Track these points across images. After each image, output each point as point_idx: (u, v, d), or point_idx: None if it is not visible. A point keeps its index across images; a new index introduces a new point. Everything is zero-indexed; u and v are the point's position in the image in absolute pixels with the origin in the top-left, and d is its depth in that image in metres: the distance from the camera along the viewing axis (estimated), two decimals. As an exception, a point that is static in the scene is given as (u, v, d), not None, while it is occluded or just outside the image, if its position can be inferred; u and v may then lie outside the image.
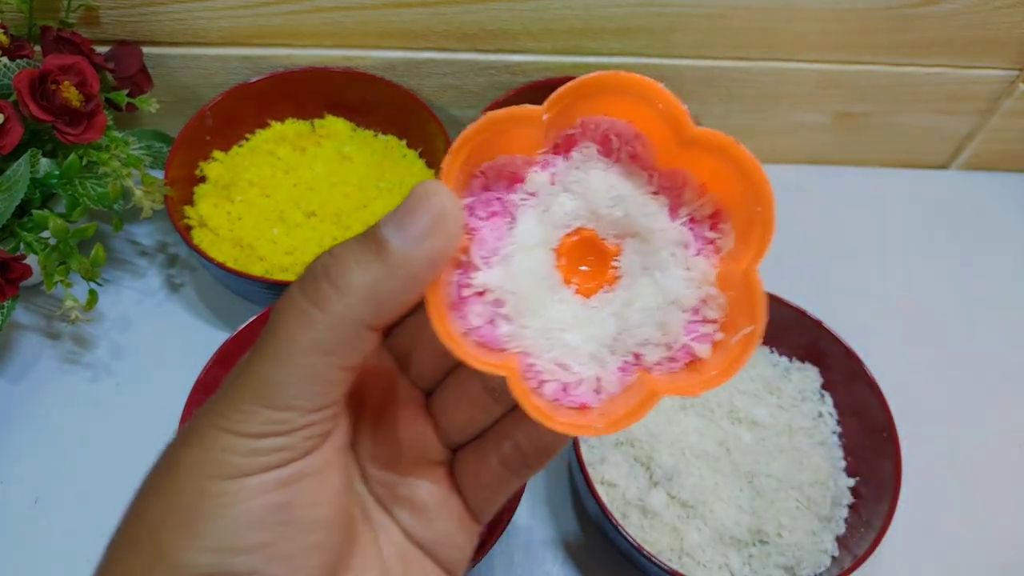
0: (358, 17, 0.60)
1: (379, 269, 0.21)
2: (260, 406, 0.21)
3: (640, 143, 0.24)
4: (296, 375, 0.21)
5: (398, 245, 0.21)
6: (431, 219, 0.21)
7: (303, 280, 0.22)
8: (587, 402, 0.24)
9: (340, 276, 0.21)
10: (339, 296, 0.21)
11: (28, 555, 0.49)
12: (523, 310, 0.23)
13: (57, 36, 0.55)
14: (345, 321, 0.21)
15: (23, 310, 0.59)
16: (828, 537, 0.48)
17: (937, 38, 0.63)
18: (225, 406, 0.21)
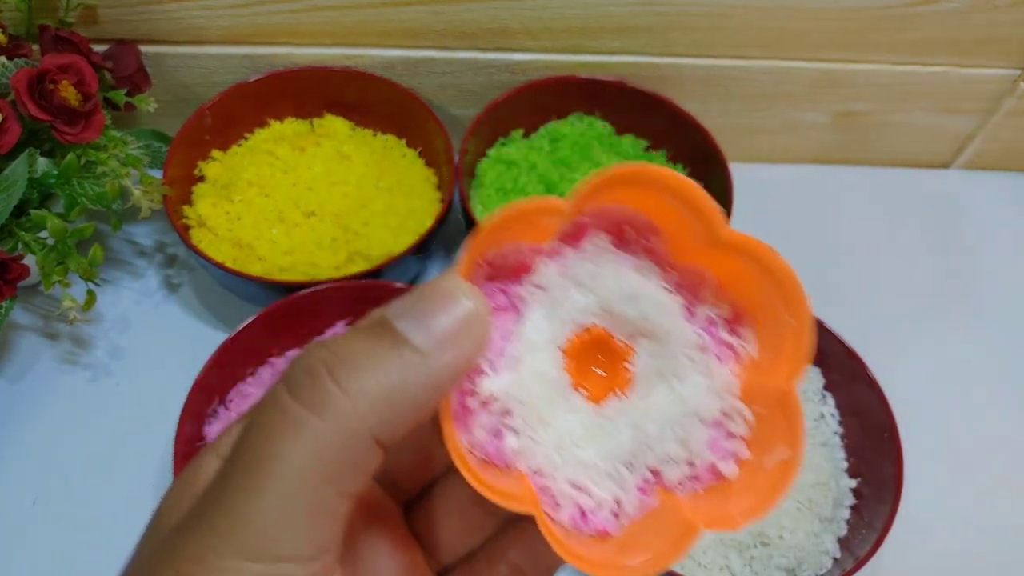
0: (357, 16, 0.60)
1: (399, 372, 0.17)
2: (246, 560, 0.15)
3: (655, 235, 0.22)
4: (294, 512, 0.16)
5: (422, 345, 0.17)
6: (460, 322, 0.17)
7: (292, 381, 0.17)
8: (607, 528, 0.21)
9: (348, 376, 0.16)
10: (347, 401, 0.16)
11: (26, 555, 0.49)
12: (533, 421, 0.21)
13: (55, 35, 0.55)
14: (353, 433, 0.16)
15: (21, 310, 0.58)
16: (829, 538, 0.48)
17: (938, 37, 0.63)
18: (189, 562, 0.16)
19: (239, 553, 0.16)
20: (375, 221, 0.58)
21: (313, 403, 0.16)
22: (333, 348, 0.17)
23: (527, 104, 0.64)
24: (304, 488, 0.16)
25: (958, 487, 0.55)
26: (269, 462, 0.16)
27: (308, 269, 0.56)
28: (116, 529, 0.50)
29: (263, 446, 0.16)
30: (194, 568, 0.16)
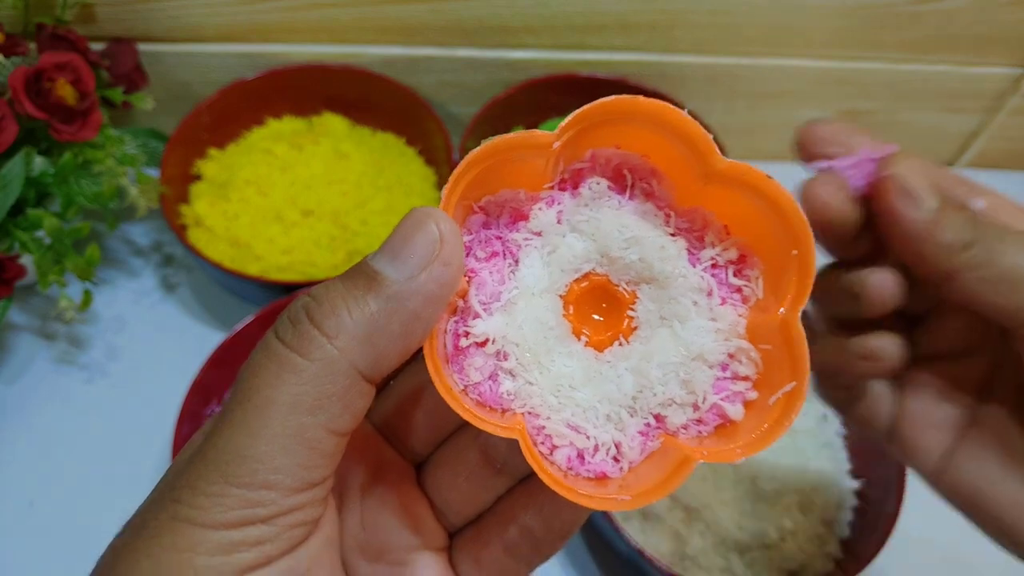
0: (355, 13, 0.60)
1: (375, 306, 0.18)
2: (231, 485, 0.17)
3: (656, 179, 0.22)
4: (276, 442, 0.17)
5: (394, 277, 0.18)
6: (429, 246, 0.18)
7: (280, 326, 0.18)
8: (606, 471, 0.21)
9: (327, 316, 0.18)
10: (325, 340, 0.17)
11: (24, 556, 0.48)
12: (529, 364, 0.21)
13: (52, 33, 0.55)
14: (335, 369, 0.17)
15: (17, 310, 0.58)
16: (832, 540, 0.48)
17: (942, 35, 0.63)
18: (185, 489, 0.17)
19: (224, 478, 0.17)
20: (374, 220, 0.58)
21: (298, 345, 0.17)
22: (314, 294, 0.18)
23: (527, 102, 0.63)
24: (288, 420, 0.17)
25: (962, 489, 0.55)
26: (256, 397, 0.17)
27: (306, 268, 0.56)
28: (113, 530, 0.49)
29: (251, 384, 0.17)
30: (186, 494, 0.17)
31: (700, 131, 0.20)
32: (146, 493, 0.54)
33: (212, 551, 0.17)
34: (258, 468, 0.17)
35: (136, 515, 0.18)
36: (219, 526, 0.17)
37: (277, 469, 0.17)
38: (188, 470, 0.17)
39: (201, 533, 0.17)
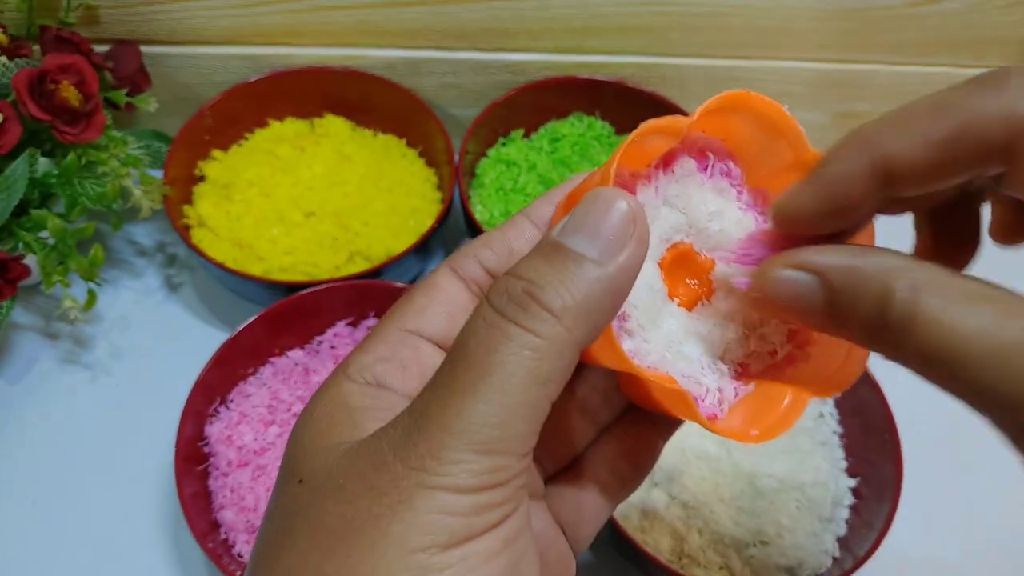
0: (357, 16, 0.60)
1: (589, 287, 0.19)
2: (479, 453, 0.18)
3: (732, 160, 0.25)
4: (517, 411, 0.18)
5: (600, 258, 0.19)
6: (623, 225, 0.20)
7: (503, 304, 0.19)
8: (715, 413, 0.24)
9: (553, 298, 0.19)
10: (556, 320, 0.19)
11: (26, 555, 0.49)
12: (645, 324, 0.23)
13: (56, 35, 0.55)
14: (564, 346, 0.19)
15: (22, 310, 0.59)
16: (829, 538, 0.48)
17: (938, 37, 0.63)
18: (430, 458, 0.18)
19: (470, 446, 0.18)
20: (375, 221, 0.58)
21: (531, 324, 0.19)
22: (527, 275, 0.20)
23: (527, 104, 0.64)
24: (524, 392, 0.19)
25: (958, 487, 0.55)
26: (494, 369, 0.18)
27: (308, 269, 0.56)
28: (116, 529, 0.50)
29: (486, 357, 0.19)
30: (432, 463, 0.18)
31: (794, 124, 0.23)
32: (149, 491, 0.55)
33: (466, 512, 0.18)
34: (502, 436, 0.18)
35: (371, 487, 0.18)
36: (468, 490, 0.18)
37: (515, 436, 0.19)
38: (423, 438, 0.18)
39: (455, 498, 0.18)
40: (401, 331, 0.23)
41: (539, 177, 0.62)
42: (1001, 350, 0.17)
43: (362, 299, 0.54)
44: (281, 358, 0.54)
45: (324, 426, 0.21)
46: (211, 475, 0.49)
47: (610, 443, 0.26)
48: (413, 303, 0.23)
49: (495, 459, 0.18)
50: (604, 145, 0.64)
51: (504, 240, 0.24)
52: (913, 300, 0.18)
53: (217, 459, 0.49)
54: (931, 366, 0.19)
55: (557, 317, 0.19)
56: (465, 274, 0.24)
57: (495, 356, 0.19)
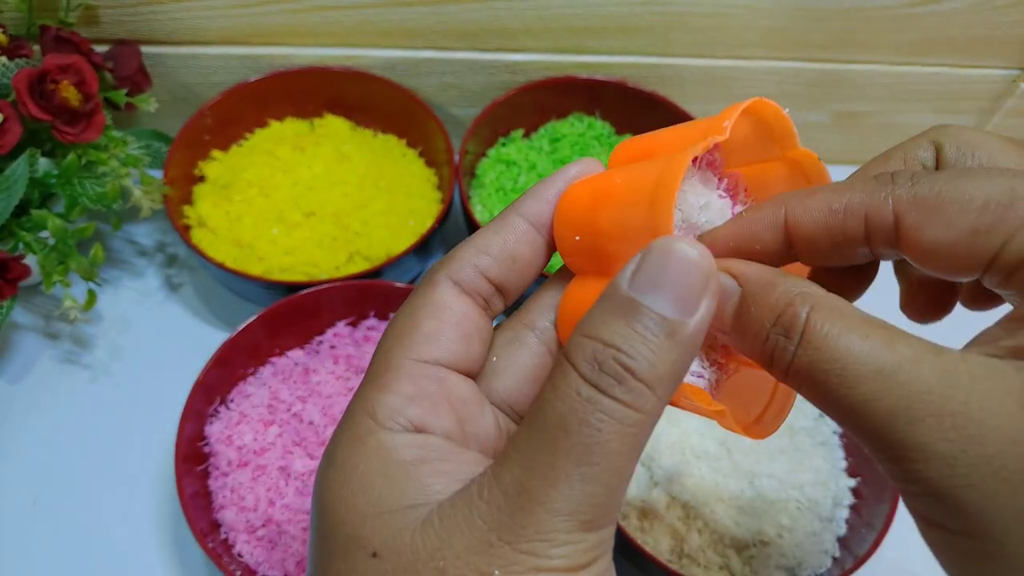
0: (357, 16, 0.60)
1: (675, 351, 0.19)
2: (587, 531, 0.18)
3: (717, 151, 0.25)
4: (620, 488, 0.19)
5: (680, 317, 0.19)
6: (701, 283, 0.19)
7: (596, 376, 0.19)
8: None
9: (646, 369, 0.19)
10: (651, 392, 0.19)
11: (26, 555, 0.49)
12: None
13: (56, 35, 0.55)
14: (657, 414, 0.19)
15: (22, 310, 0.59)
16: (829, 538, 0.48)
17: (938, 37, 0.63)
18: (540, 541, 0.18)
19: (581, 527, 0.18)
20: (375, 221, 0.58)
21: (627, 399, 0.19)
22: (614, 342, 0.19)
23: (527, 104, 0.64)
24: (626, 467, 0.19)
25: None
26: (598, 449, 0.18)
27: (308, 269, 0.56)
28: (116, 529, 0.50)
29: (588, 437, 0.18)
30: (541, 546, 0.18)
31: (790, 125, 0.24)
32: (149, 491, 0.55)
33: None
34: (607, 511, 0.19)
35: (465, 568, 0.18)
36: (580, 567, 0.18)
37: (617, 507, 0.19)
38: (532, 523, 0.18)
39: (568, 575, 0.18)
40: (418, 363, 0.22)
41: (539, 177, 0.62)
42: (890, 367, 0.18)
43: (362, 299, 0.54)
44: (281, 358, 0.54)
45: (379, 487, 0.20)
46: (211, 475, 0.49)
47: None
48: (422, 328, 0.22)
49: (600, 534, 0.19)
50: (604, 145, 0.64)
51: (503, 245, 0.24)
52: (811, 315, 0.19)
53: (217, 459, 0.49)
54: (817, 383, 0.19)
55: (652, 388, 0.19)
56: (468, 287, 0.23)
57: (599, 436, 0.18)
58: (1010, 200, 0.18)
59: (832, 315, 0.19)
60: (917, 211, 0.19)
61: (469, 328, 0.23)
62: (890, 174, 0.20)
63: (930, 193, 0.19)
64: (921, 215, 0.19)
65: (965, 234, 0.19)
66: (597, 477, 0.18)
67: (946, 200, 0.19)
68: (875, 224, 0.20)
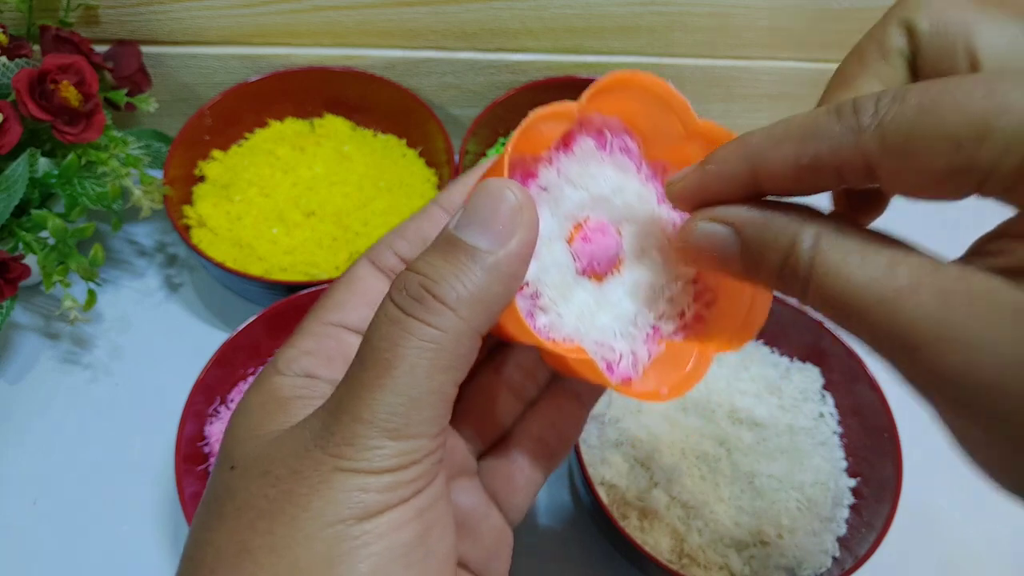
0: (357, 16, 0.60)
1: (482, 277, 0.21)
2: (391, 439, 0.20)
3: (629, 136, 0.27)
4: (423, 399, 0.20)
5: (491, 247, 0.21)
6: (512, 214, 0.21)
7: (403, 300, 0.21)
8: (629, 375, 0.26)
9: (447, 292, 0.20)
10: (452, 313, 0.20)
11: (26, 555, 0.49)
12: (557, 299, 0.25)
13: (56, 35, 0.55)
14: (462, 335, 0.20)
15: (22, 310, 0.59)
16: (829, 538, 0.48)
17: (938, 37, 0.63)
18: (346, 446, 0.20)
19: (383, 434, 0.20)
20: (375, 221, 0.58)
21: (429, 318, 0.20)
22: (424, 271, 0.21)
23: (527, 104, 0.63)
24: (428, 380, 0.20)
25: (957, 486, 0.55)
26: (397, 363, 0.20)
27: (308, 269, 0.56)
28: (116, 529, 0.50)
29: (389, 351, 0.20)
30: (348, 449, 0.20)
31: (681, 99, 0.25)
32: (149, 491, 0.54)
33: (380, 489, 0.20)
34: (409, 422, 0.20)
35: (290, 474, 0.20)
36: (381, 471, 0.20)
37: (423, 420, 0.20)
38: (338, 428, 0.20)
39: (370, 478, 0.20)
40: (324, 324, 0.25)
41: (539, 177, 0.62)
42: (890, 297, 0.19)
43: (362, 299, 0.54)
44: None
45: (257, 416, 0.23)
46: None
47: (536, 417, 0.28)
48: (334, 297, 0.25)
49: (405, 443, 0.20)
50: (604, 145, 0.64)
51: (418, 229, 0.26)
52: (814, 251, 0.20)
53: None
54: (832, 311, 0.20)
55: (452, 309, 0.20)
56: (383, 264, 0.25)
57: (398, 350, 0.20)
58: (983, 132, 0.17)
59: (834, 247, 0.20)
60: (889, 157, 0.19)
61: (375, 298, 0.25)
62: (852, 109, 0.20)
63: (899, 135, 0.19)
64: (893, 161, 0.19)
65: (943, 172, 0.18)
66: (396, 388, 0.20)
67: (916, 142, 0.18)
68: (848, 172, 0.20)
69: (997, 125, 0.17)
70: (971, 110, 0.18)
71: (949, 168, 0.18)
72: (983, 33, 0.21)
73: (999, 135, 0.17)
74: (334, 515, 0.19)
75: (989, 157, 0.18)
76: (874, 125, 0.19)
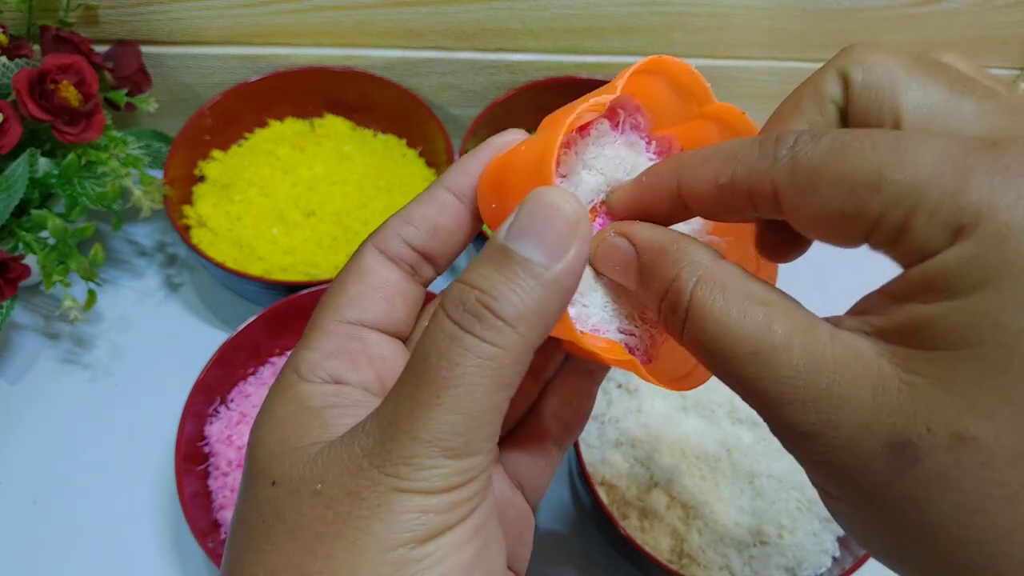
0: (357, 16, 0.60)
1: (538, 292, 0.20)
2: (449, 458, 0.20)
3: (640, 114, 0.26)
4: (483, 417, 0.20)
5: (547, 261, 0.20)
6: (568, 228, 0.20)
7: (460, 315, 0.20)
8: (649, 360, 0.25)
9: (506, 308, 0.20)
10: (512, 330, 0.20)
11: (26, 555, 0.49)
12: (584, 291, 0.24)
13: (56, 35, 0.55)
14: (521, 351, 0.20)
15: (22, 310, 0.59)
16: (829, 537, 0.48)
17: (938, 38, 0.63)
18: (404, 465, 0.19)
19: (442, 453, 0.19)
20: (375, 221, 0.58)
21: (489, 336, 0.20)
22: (479, 285, 0.20)
23: (527, 104, 0.64)
24: (487, 400, 0.20)
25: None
26: (456, 381, 0.19)
27: (308, 269, 0.56)
28: (116, 529, 0.50)
29: (447, 369, 0.20)
30: (405, 469, 0.19)
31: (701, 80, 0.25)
32: (149, 491, 0.54)
33: (440, 510, 0.20)
34: (468, 440, 0.20)
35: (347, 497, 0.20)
36: (440, 491, 0.20)
37: (481, 438, 0.20)
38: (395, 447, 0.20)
39: (426, 498, 0.19)
40: (343, 323, 0.24)
41: (539, 177, 0.62)
42: (764, 352, 0.19)
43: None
44: (281, 358, 0.54)
45: (290, 428, 0.22)
46: (211, 475, 0.49)
47: (554, 396, 0.28)
48: (348, 291, 0.24)
49: (463, 462, 0.20)
50: (604, 145, 0.64)
51: (425, 215, 0.25)
52: (694, 290, 0.20)
53: (217, 459, 0.49)
54: (704, 354, 0.20)
55: (512, 326, 0.20)
56: (392, 254, 0.25)
57: (457, 368, 0.20)
58: (876, 182, 0.18)
59: (715, 291, 0.20)
60: (792, 190, 0.20)
61: (392, 291, 0.24)
62: (774, 140, 0.20)
63: (805, 170, 0.19)
64: (796, 195, 0.19)
65: (837, 214, 0.19)
66: (455, 407, 0.19)
67: (819, 180, 0.19)
68: (758, 199, 0.20)
69: (891, 178, 0.18)
70: (872, 160, 0.18)
71: (841, 212, 0.19)
72: (909, 94, 0.21)
73: (891, 188, 0.18)
74: (396, 539, 0.19)
75: (878, 208, 0.18)
76: (787, 157, 0.20)
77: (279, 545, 0.20)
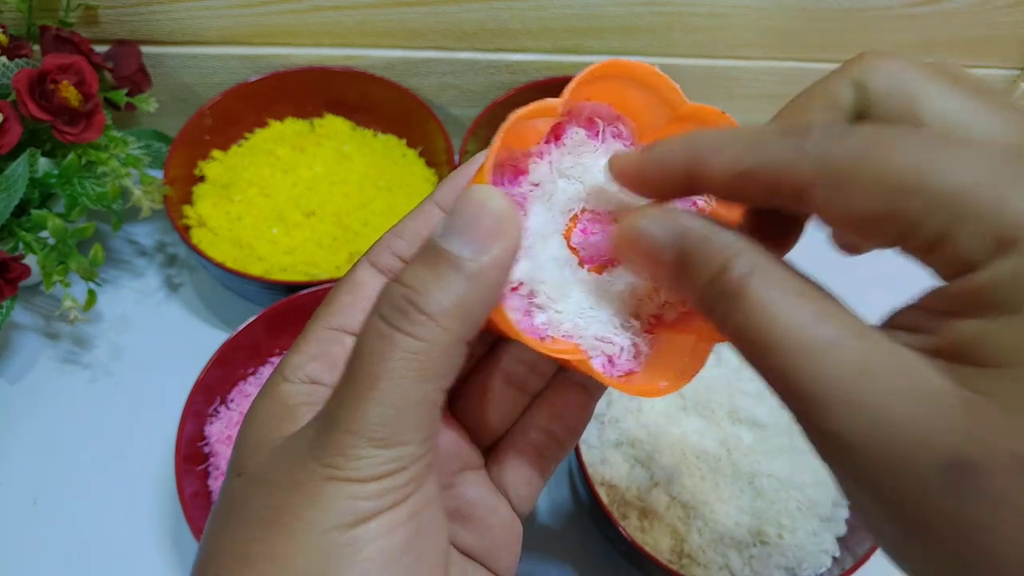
0: (357, 16, 0.60)
1: (462, 286, 0.21)
2: (378, 447, 0.20)
3: (620, 122, 0.26)
4: (410, 409, 0.21)
5: (470, 256, 0.21)
6: (494, 224, 0.21)
7: (387, 313, 0.21)
8: (632, 368, 0.25)
9: (429, 303, 0.21)
10: (434, 323, 0.21)
11: (26, 555, 0.49)
12: (554, 297, 0.24)
13: (56, 35, 0.55)
14: (446, 345, 0.21)
15: (22, 310, 0.59)
16: (829, 537, 0.48)
17: (938, 37, 0.63)
18: (335, 456, 0.21)
19: (372, 444, 0.20)
20: (375, 221, 0.58)
21: (413, 330, 0.21)
22: (408, 282, 0.21)
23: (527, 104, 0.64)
24: (414, 391, 0.21)
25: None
26: (384, 375, 0.20)
27: (308, 269, 0.56)
28: (116, 529, 0.50)
29: (376, 364, 0.21)
30: (340, 460, 0.20)
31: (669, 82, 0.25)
32: (149, 491, 0.54)
33: (369, 496, 0.20)
34: (397, 430, 0.21)
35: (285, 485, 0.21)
36: (371, 479, 0.21)
37: (410, 429, 0.21)
38: (329, 440, 0.21)
39: (358, 486, 0.20)
40: (328, 329, 0.25)
41: (539, 177, 0.62)
42: (810, 347, 0.18)
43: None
44: (281, 358, 0.54)
45: (267, 425, 0.23)
46: (211, 475, 0.49)
47: (542, 408, 0.28)
48: (337, 301, 0.25)
49: (392, 451, 0.21)
50: (604, 145, 0.64)
51: (415, 229, 0.26)
52: (746, 279, 0.20)
53: (217, 459, 0.49)
54: (747, 345, 0.20)
55: (435, 320, 0.21)
56: (383, 267, 0.25)
57: (385, 363, 0.20)
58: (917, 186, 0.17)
59: (767, 281, 0.19)
60: (827, 187, 0.19)
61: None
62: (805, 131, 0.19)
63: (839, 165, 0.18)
64: (831, 192, 0.19)
65: (875, 215, 0.18)
66: (383, 400, 0.20)
67: (856, 177, 0.18)
68: (783, 190, 0.20)
69: (930, 182, 0.17)
70: (911, 162, 0.18)
71: (877, 212, 0.18)
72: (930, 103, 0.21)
73: (930, 193, 0.17)
74: (327, 523, 0.20)
75: (915, 213, 0.17)
76: (818, 150, 0.19)
77: (230, 531, 0.21)
